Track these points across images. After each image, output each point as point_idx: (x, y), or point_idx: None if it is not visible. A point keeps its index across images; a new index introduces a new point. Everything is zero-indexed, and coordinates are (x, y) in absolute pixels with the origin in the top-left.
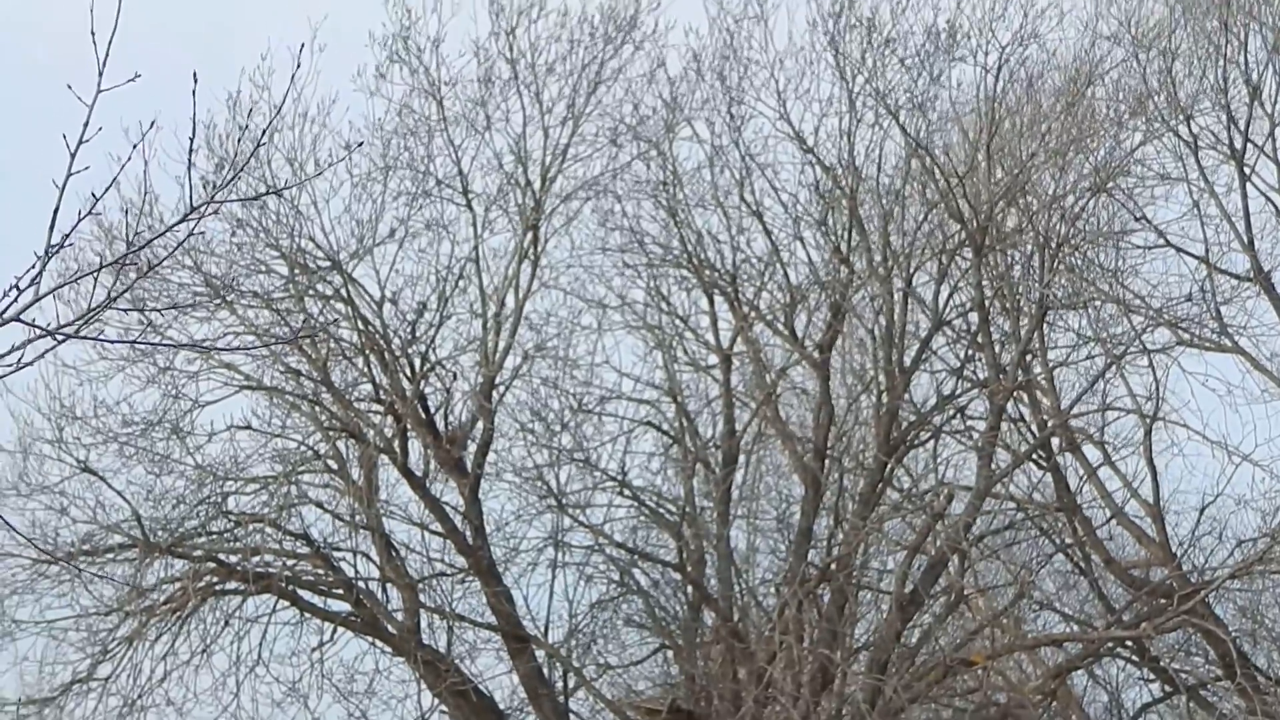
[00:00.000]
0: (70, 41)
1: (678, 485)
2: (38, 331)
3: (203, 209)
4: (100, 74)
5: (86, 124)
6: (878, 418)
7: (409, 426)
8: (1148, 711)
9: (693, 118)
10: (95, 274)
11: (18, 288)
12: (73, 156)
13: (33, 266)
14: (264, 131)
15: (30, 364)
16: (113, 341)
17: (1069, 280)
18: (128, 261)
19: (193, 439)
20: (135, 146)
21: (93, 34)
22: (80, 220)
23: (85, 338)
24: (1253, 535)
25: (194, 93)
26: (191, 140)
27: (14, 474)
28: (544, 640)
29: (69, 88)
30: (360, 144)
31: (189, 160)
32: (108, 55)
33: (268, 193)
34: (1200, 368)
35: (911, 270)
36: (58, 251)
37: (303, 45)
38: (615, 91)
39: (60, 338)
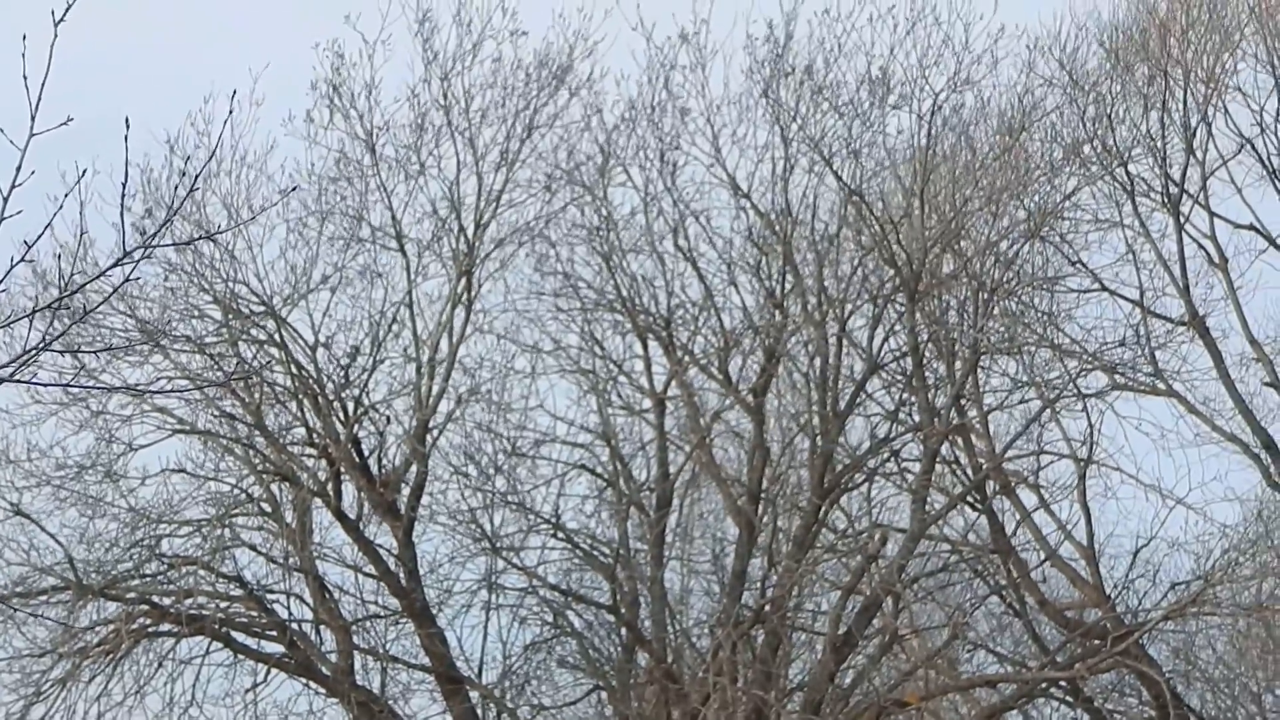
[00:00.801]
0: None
1: (612, 528)
2: None
3: (136, 254)
4: (33, 118)
5: (19, 168)
6: (812, 460)
7: (343, 470)
8: None
9: (627, 164)
10: (29, 318)
11: None
12: (5, 201)
13: None
14: (196, 176)
15: None
16: (46, 385)
17: (1004, 325)
18: (61, 306)
19: (126, 482)
20: (67, 195)
21: (25, 77)
22: (14, 266)
23: (18, 381)
24: (1186, 578)
25: (126, 138)
26: (124, 185)
27: None
28: (478, 681)
29: (0, 131)
30: (294, 188)
31: (122, 204)
32: (40, 98)
33: (201, 238)
34: (1134, 412)
35: (846, 315)
36: None
37: (235, 92)
38: (550, 138)
39: None
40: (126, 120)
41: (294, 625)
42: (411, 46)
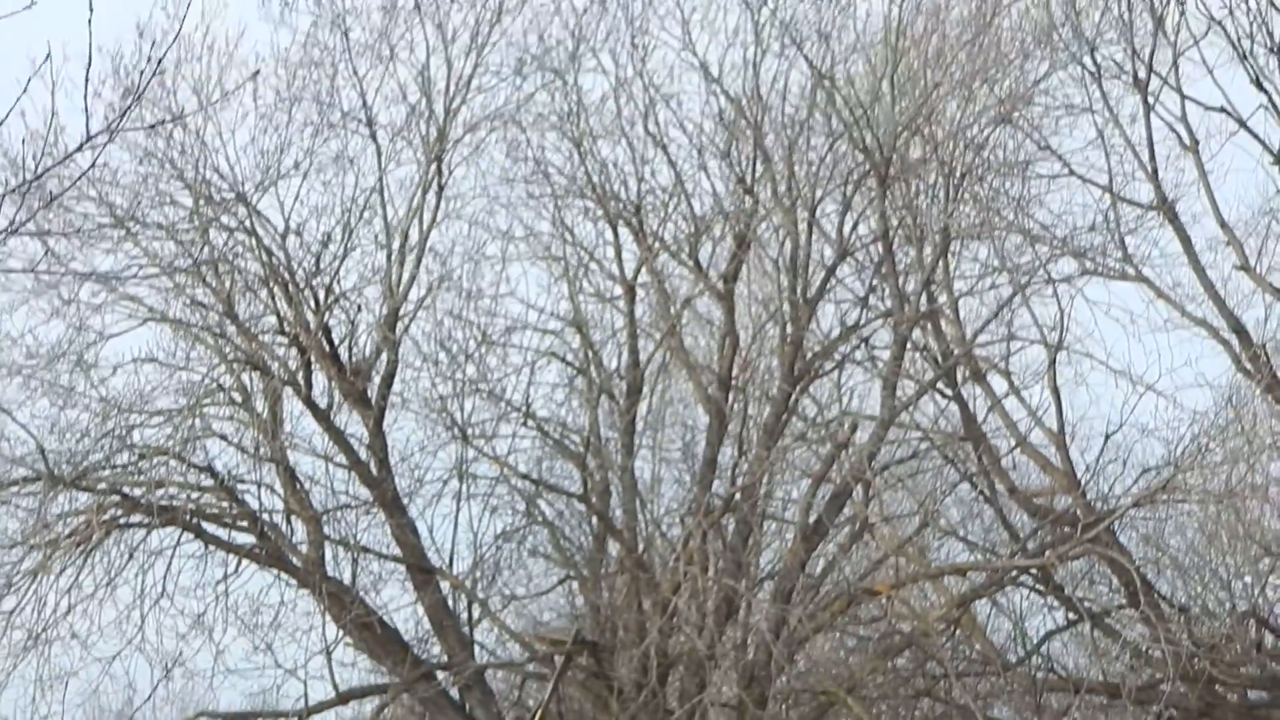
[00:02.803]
0: None
1: (582, 416)
2: None
3: (101, 137)
4: None
5: None
6: (782, 348)
7: (313, 359)
8: (1051, 639)
9: (597, 49)
10: None
11: None
12: None
13: None
14: (161, 59)
15: None
16: (15, 271)
17: (974, 210)
18: (29, 190)
19: (97, 372)
20: (30, 79)
21: None
22: None
23: None
24: (1156, 464)
25: (89, 21)
26: (88, 71)
27: None
28: (449, 572)
29: None
30: (257, 72)
31: (86, 87)
32: None
33: (168, 121)
34: (1104, 297)
35: (816, 200)
36: None
37: None
38: (520, 22)
39: None
40: (90, 3)
41: (265, 516)
42: None
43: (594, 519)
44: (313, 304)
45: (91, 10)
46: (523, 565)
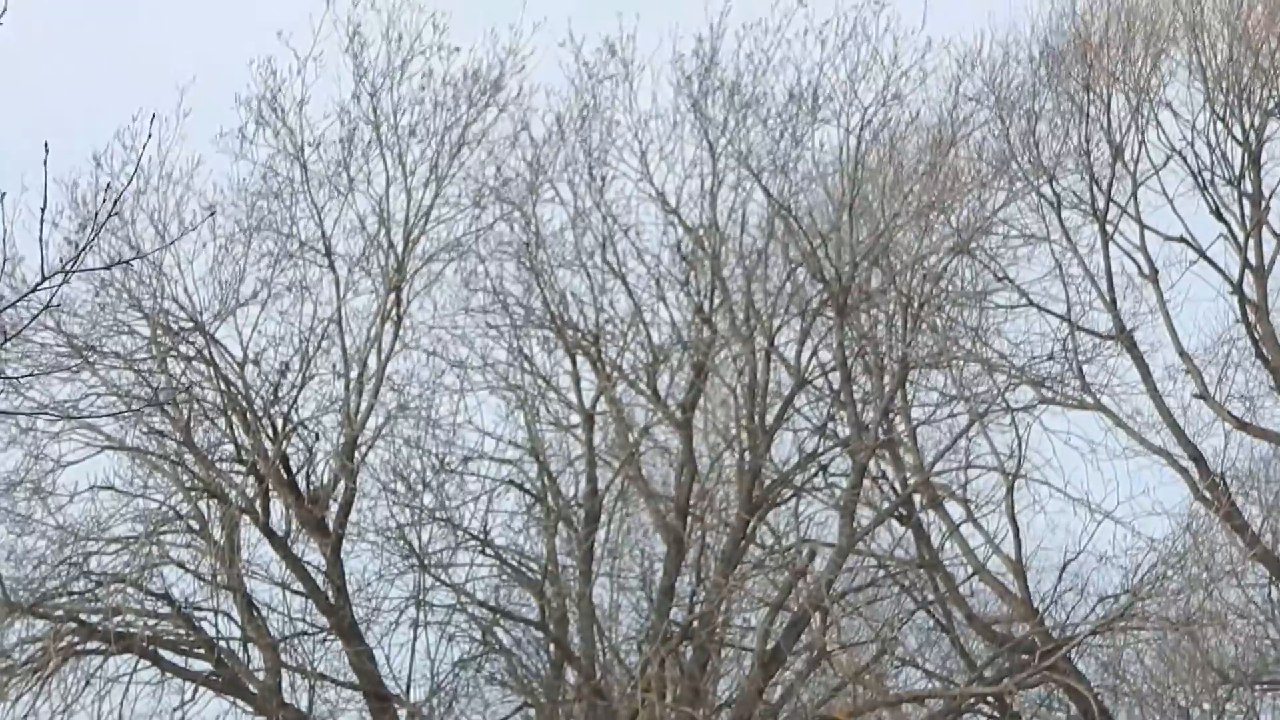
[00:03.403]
0: None
1: (540, 544)
2: None
3: (59, 274)
4: None
5: None
6: (740, 476)
7: (271, 487)
8: None
9: (556, 179)
10: None
11: None
12: None
13: None
14: (120, 194)
15: None
16: None
17: (932, 339)
18: None
19: (54, 499)
20: None
21: None
22: None
23: None
24: (1114, 592)
25: (45, 163)
26: (43, 210)
27: None
28: (406, 699)
29: None
30: (212, 211)
31: (41, 228)
32: None
33: (124, 262)
34: (1062, 425)
35: (774, 330)
36: None
37: (154, 117)
38: (479, 153)
39: None
40: (45, 145)
41: (222, 643)
42: (341, 62)
43: (551, 646)
44: (271, 432)
45: (47, 150)
46: (480, 693)
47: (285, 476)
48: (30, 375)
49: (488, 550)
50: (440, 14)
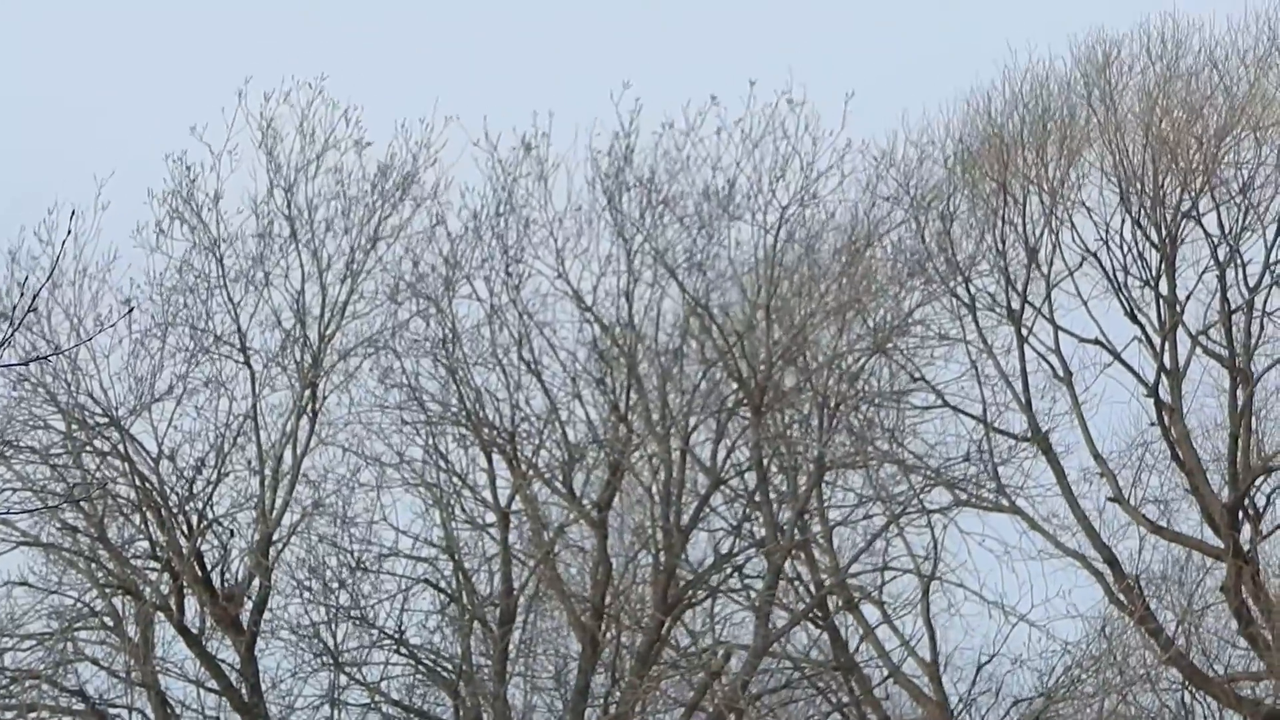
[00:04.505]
0: None
1: (455, 643)
2: None
3: None
4: None
5: None
6: (656, 576)
7: (185, 584)
8: None
9: (472, 275)
10: None
11: None
12: None
13: None
14: (35, 294)
15: None
16: None
17: (848, 440)
18: None
19: None
20: None
21: None
22: None
23: None
24: (1029, 694)
25: None
26: None
27: None
28: None
29: None
30: (130, 309)
31: None
32: None
33: (40, 357)
34: (978, 527)
35: (690, 429)
36: None
37: (74, 213)
38: (395, 248)
39: None
40: None
41: None
42: (256, 157)
43: None
44: (185, 529)
45: None
46: None
47: (200, 573)
48: None
49: (402, 649)
50: (353, 108)
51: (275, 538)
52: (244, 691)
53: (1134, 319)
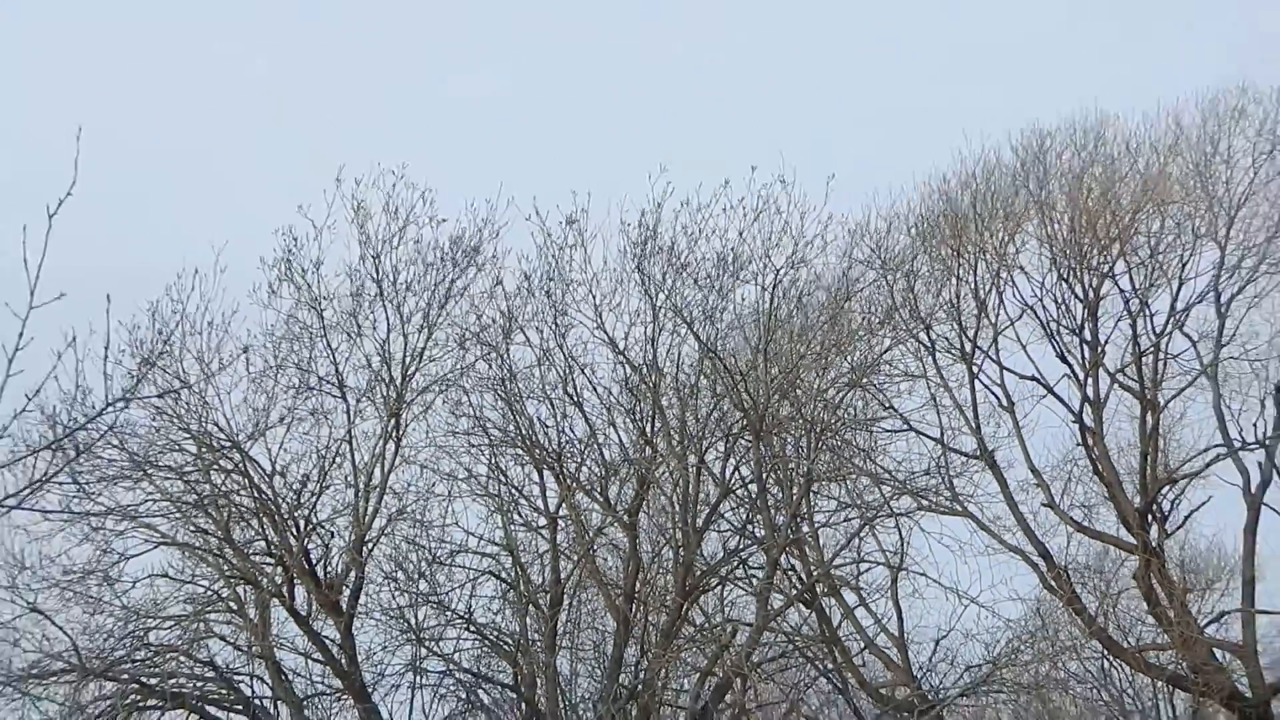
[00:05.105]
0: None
1: (514, 622)
2: None
3: (121, 401)
4: (32, 293)
5: (20, 335)
6: (676, 568)
7: (295, 575)
8: None
9: (526, 326)
10: (36, 454)
11: None
12: (9, 362)
13: None
14: (167, 339)
15: None
16: (49, 512)
17: (831, 458)
18: (63, 444)
19: (120, 585)
20: (60, 356)
21: (25, 260)
22: (18, 415)
23: (29, 509)
24: (978, 662)
25: (108, 312)
26: (106, 349)
27: None
28: None
29: (5, 304)
30: (247, 348)
31: (105, 364)
32: (38, 276)
33: (174, 391)
34: (937, 528)
35: (703, 449)
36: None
37: (196, 271)
38: (462, 304)
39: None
40: (108, 296)
41: (256, 701)
42: (349, 230)
43: (523, 705)
44: (295, 531)
45: (109, 301)
46: None
47: (307, 567)
48: (99, 484)
49: (471, 628)
50: (429, 190)
51: (367, 538)
52: (343, 662)
53: (1063, 359)
